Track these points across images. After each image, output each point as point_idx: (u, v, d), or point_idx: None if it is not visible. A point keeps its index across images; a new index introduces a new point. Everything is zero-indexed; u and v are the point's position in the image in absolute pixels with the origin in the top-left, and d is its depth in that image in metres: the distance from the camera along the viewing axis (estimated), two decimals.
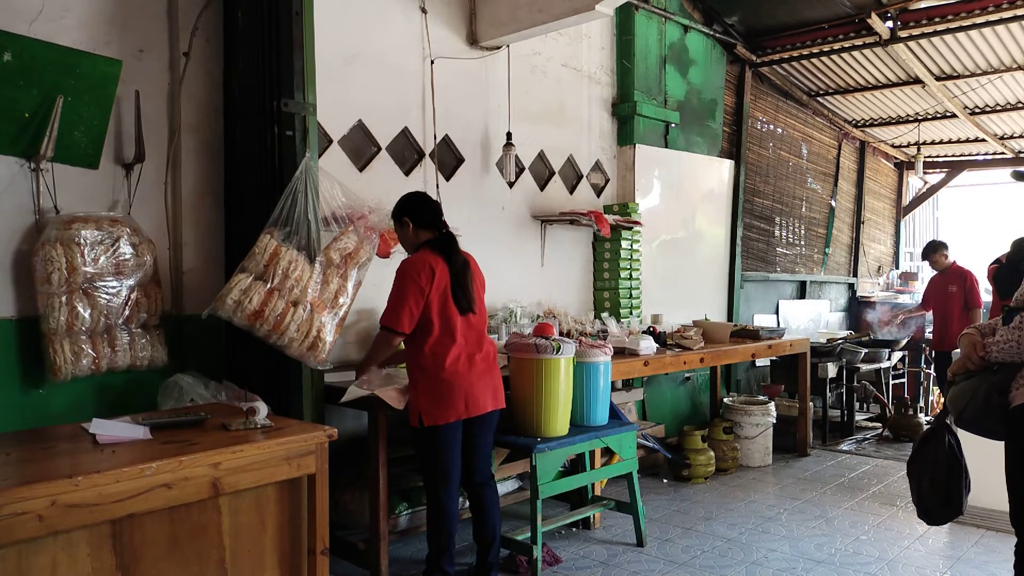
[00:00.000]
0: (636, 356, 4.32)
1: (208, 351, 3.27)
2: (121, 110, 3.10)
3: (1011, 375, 2.31)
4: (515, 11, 4.28)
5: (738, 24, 6.39)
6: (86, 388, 2.93)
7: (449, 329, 2.97)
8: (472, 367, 3.02)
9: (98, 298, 2.87)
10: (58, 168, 2.91)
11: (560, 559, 3.57)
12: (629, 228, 5.12)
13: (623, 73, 5.46)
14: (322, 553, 2.23)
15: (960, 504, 2.49)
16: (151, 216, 3.20)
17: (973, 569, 3.49)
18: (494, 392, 3.11)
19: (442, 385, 2.94)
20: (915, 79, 6.84)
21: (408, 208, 3.14)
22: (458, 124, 4.41)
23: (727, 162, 6.38)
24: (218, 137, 3.37)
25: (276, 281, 2.97)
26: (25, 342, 2.83)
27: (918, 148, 8.21)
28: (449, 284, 3.00)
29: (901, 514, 4.28)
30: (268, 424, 2.24)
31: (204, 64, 3.33)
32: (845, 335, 7.08)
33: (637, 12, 5.42)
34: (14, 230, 2.83)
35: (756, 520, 4.15)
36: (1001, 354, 2.31)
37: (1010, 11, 5.45)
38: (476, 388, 3.01)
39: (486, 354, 3.10)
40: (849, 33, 6.13)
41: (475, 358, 3.03)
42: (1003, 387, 2.34)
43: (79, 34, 2.98)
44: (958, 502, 2.48)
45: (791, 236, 7.61)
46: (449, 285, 3.00)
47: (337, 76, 3.77)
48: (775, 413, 5.43)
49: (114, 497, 1.77)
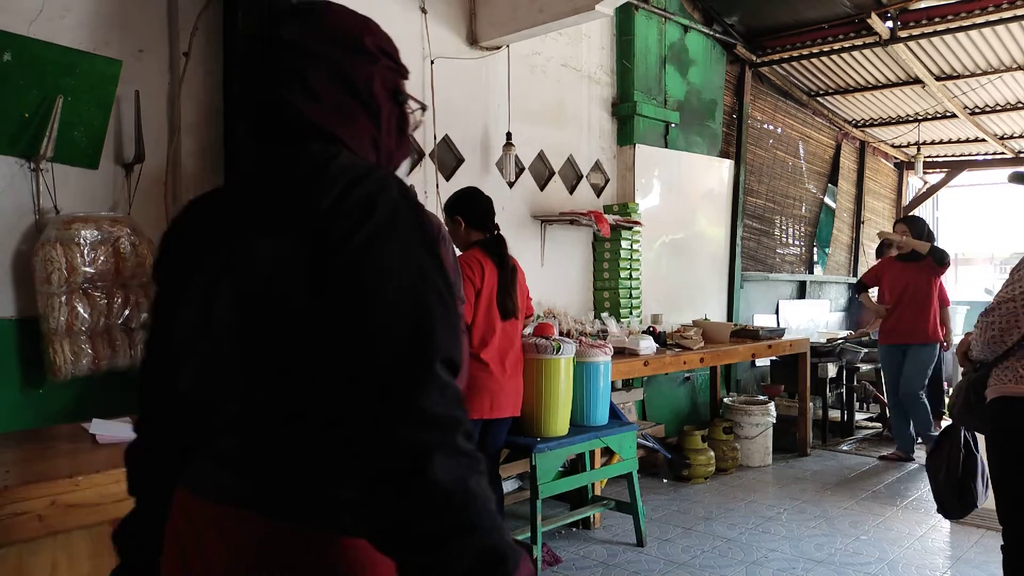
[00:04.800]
0: (636, 356, 4.32)
1: None
2: (121, 110, 3.10)
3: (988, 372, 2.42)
4: (515, 11, 4.28)
5: (738, 24, 6.39)
6: (86, 388, 2.93)
7: (489, 330, 3.01)
8: (503, 371, 3.08)
9: (98, 298, 2.87)
10: (58, 168, 2.91)
11: (560, 559, 3.57)
12: (629, 228, 5.12)
13: (623, 73, 5.46)
14: None
15: (974, 499, 2.56)
16: (151, 216, 3.20)
17: (973, 569, 3.49)
18: (515, 398, 3.17)
19: (474, 382, 2.99)
20: (915, 79, 6.84)
21: (460, 206, 3.15)
22: (458, 124, 4.41)
23: (727, 162, 6.38)
24: (218, 137, 3.37)
25: None
26: (25, 342, 2.83)
27: (918, 148, 8.21)
28: (496, 287, 3.03)
29: (901, 514, 4.28)
30: None
31: (204, 64, 3.32)
32: (845, 335, 7.07)
33: (637, 12, 5.42)
34: (14, 230, 2.83)
35: (756, 520, 4.15)
36: (976, 352, 2.43)
37: (1010, 11, 5.45)
38: (503, 392, 3.07)
39: (515, 361, 3.16)
40: (849, 33, 6.13)
41: (506, 363, 3.10)
42: (980, 384, 2.47)
43: (79, 34, 2.97)
44: (971, 497, 2.55)
45: (790, 237, 7.61)
46: (496, 288, 3.03)
47: None
48: (775, 413, 5.43)
49: (114, 497, 1.78)
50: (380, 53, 1.05)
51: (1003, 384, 2.35)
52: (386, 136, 1.06)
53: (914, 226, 5.44)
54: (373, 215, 0.88)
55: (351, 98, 1.02)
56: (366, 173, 0.92)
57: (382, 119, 1.05)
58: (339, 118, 1.01)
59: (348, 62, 1.02)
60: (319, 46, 1.01)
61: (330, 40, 1.02)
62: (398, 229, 0.88)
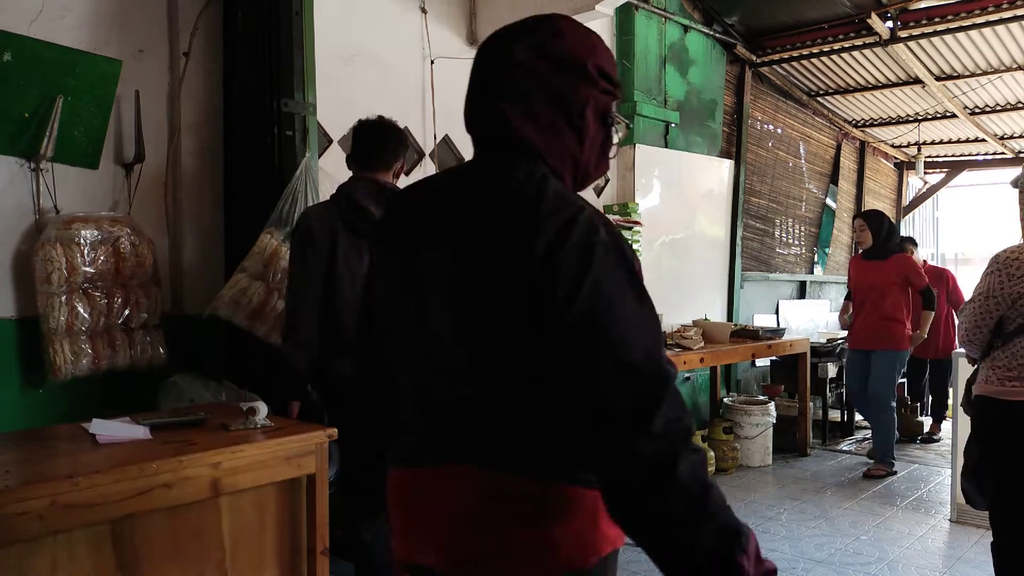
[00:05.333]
0: None
1: (208, 351, 3.27)
2: (121, 110, 3.10)
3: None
4: (515, 11, 4.26)
5: (738, 24, 6.38)
6: (86, 388, 2.93)
7: None
8: None
9: (98, 298, 2.87)
10: (58, 168, 2.91)
11: None
12: (629, 228, 5.12)
13: (623, 73, 5.45)
14: (322, 553, 2.23)
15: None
16: (151, 216, 3.20)
17: (973, 569, 3.48)
18: None
19: None
20: (915, 79, 6.84)
21: None
22: (458, 124, 4.35)
23: (727, 162, 6.38)
24: (218, 137, 3.37)
25: (276, 281, 2.97)
26: (25, 342, 2.83)
27: (918, 148, 8.21)
28: None
29: (901, 514, 4.28)
30: (268, 424, 2.24)
31: (204, 64, 3.32)
32: (845, 335, 7.07)
33: (637, 12, 5.42)
34: (14, 230, 2.83)
35: (756, 520, 4.15)
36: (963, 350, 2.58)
37: (1010, 11, 5.44)
38: None
39: None
40: (849, 33, 6.12)
41: None
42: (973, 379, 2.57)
43: (79, 34, 2.97)
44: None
45: (791, 237, 7.61)
46: None
47: (337, 76, 3.76)
48: (775, 413, 5.43)
49: (114, 497, 1.77)
50: (600, 76, 1.13)
51: (980, 383, 2.44)
52: (587, 155, 1.15)
53: (872, 221, 5.01)
54: (591, 269, 0.98)
55: (564, 121, 1.11)
56: (576, 215, 1.01)
57: (587, 140, 1.13)
58: (549, 137, 1.10)
59: (571, 89, 1.10)
60: (548, 71, 1.09)
61: (558, 66, 1.10)
62: (614, 273, 1.00)
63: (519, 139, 1.09)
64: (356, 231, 2.49)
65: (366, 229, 2.45)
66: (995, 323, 2.36)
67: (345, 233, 2.48)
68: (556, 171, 1.10)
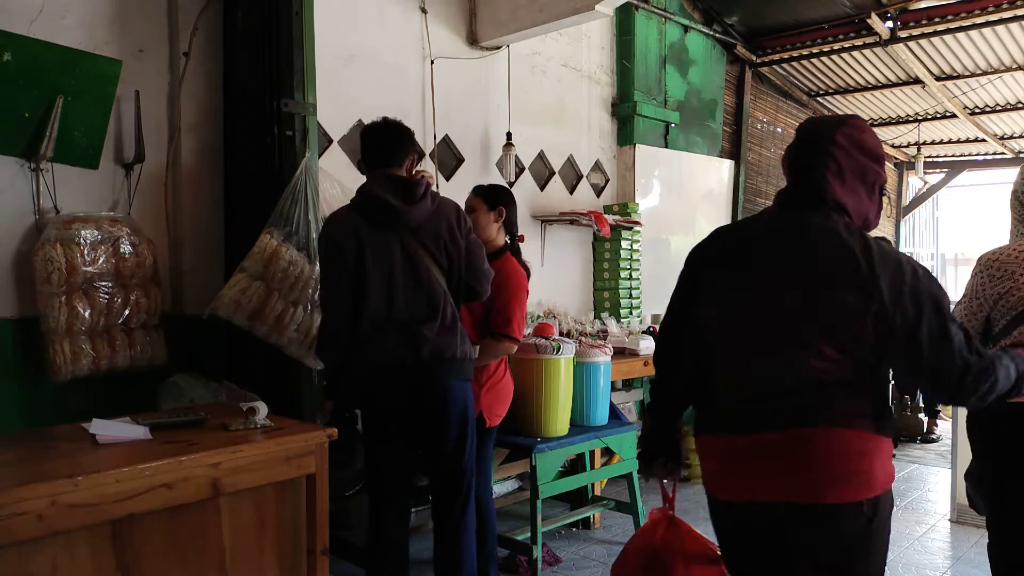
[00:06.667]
0: (636, 356, 4.32)
1: (208, 351, 3.27)
2: (121, 110, 3.10)
3: None
4: (515, 11, 4.28)
5: (738, 24, 6.39)
6: (86, 388, 2.93)
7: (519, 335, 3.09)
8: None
9: (98, 298, 2.87)
10: (58, 168, 2.91)
11: (560, 559, 3.57)
12: (629, 228, 5.12)
13: (623, 73, 5.46)
14: (322, 553, 2.23)
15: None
16: (151, 216, 3.20)
17: (973, 569, 3.48)
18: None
19: (509, 386, 3.06)
20: (915, 79, 6.84)
21: (506, 203, 3.11)
22: (458, 124, 4.41)
23: (727, 162, 6.38)
24: (218, 137, 3.37)
25: (276, 281, 2.97)
26: (25, 342, 2.83)
27: (918, 148, 8.21)
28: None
29: (901, 514, 4.28)
30: (268, 424, 2.24)
31: (204, 64, 3.33)
32: None
33: (637, 12, 5.42)
34: (14, 230, 2.83)
35: None
36: None
37: (1010, 11, 5.45)
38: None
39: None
40: (849, 33, 6.13)
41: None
42: None
43: (79, 34, 2.97)
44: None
45: None
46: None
47: (337, 76, 3.76)
48: None
49: (114, 497, 1.77)
50: (881, 161, 1.71)
51: None
52: (868, 209, 1.71)
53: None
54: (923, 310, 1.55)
55: (861, 185, 1.68)
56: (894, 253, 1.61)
57: (875, 204, 1.72)
58: (850, 197, 1.66)
59: (870, 168, 1.68)
60: (858, 154, 1.67)
61: (864, 152, 1.68)
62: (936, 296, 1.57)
63: (833, 199, 1.63)
64: (379, 224, 2.51)
65: (387, 221, 2.51)
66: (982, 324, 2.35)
67: (368, 230, 2.50)
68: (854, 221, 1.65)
